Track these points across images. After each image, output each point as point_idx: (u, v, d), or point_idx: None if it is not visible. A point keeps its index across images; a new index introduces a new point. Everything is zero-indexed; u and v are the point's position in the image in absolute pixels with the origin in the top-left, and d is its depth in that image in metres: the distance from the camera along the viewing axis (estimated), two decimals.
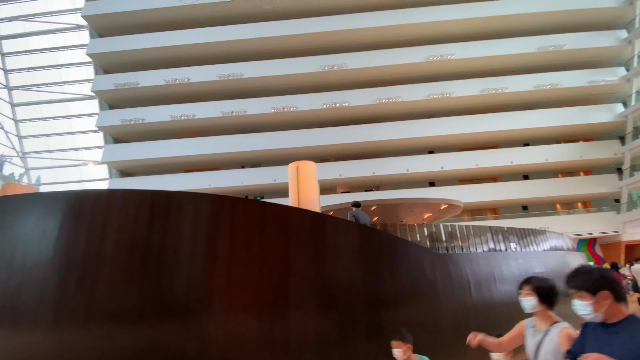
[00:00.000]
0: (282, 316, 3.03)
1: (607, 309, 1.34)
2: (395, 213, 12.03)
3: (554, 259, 5.77)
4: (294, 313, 3.04)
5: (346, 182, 20.97)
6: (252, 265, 3.05)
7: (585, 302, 1.40)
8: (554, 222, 19.17)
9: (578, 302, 1.44)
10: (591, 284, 1.41)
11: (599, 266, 1.37)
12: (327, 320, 3.15)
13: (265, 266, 3.08)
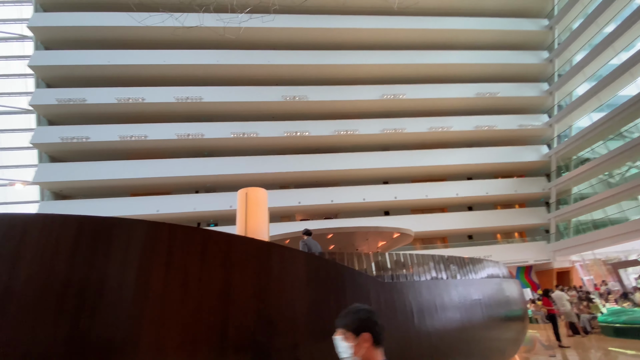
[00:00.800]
0: (221, 354, 2.84)
1: (364, 352, 1.27)
2: (350, 241, 12.17)
3: (490, 286, 6.18)
4: (233, 351, 2.86)
5: (305, 210, 20.99)
6: (189, 299, 2.86)
7: (348, 343, 1.30)
8: (495, 250, 20.71)
9: (342, 342, 1.32)
10: (357, 324, 1.31)
11: (367, 307, 1.38)
12: (269, 356, 3.00)
13: (203, 300, 2.90)
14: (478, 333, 5.44)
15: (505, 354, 6.56)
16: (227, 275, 3.00)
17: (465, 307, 5.13)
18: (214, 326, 2.86)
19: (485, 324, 5.65)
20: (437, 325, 4.50)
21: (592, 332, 10.20)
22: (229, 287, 3.01)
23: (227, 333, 2.90)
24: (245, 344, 2.95)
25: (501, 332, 6.17)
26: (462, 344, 4.96)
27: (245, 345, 2.94)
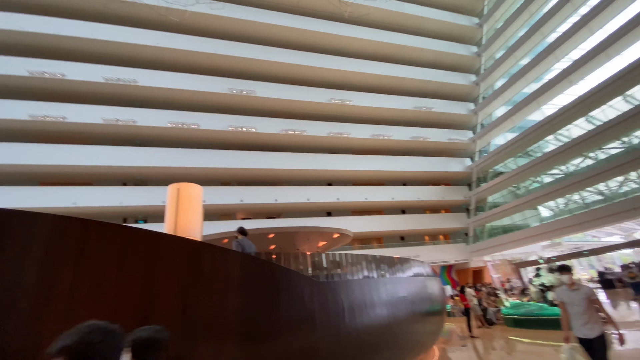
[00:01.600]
0: None
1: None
2: (292, 241, 12.19)
3: (415, 284, 6.75)
4: None
5: (247, 208, 20.40)
6: (103, 303, 2.57)
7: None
8: (423, 251, 22.63)
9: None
10: (82, 349, 0.93)
11: (109, 327, 1.04)
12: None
13: (120, 304, 2.63)
14: (403, 327, 5.88)
15: (425, 345, 7.21)
16: (150, 276, 2.77)
17: (392, 303, 5.51)
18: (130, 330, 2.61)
19: (409, 319, 6.15)
20: (367, 321, 4.75)
21: (497, 323, 11.77)
22: (152, 289, 2.78)
23: None
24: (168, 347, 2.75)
25: (423, 326, 6.77)
26: (389, 338, 5.32)
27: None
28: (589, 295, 3.52)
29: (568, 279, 3.64)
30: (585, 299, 3.50)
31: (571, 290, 3.62)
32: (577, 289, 3.59)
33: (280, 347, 3.51)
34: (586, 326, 3.46)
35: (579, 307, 3.52)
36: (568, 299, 3.64)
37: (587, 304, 3.49)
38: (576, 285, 3.63)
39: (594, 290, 3.56)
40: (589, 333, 3.44)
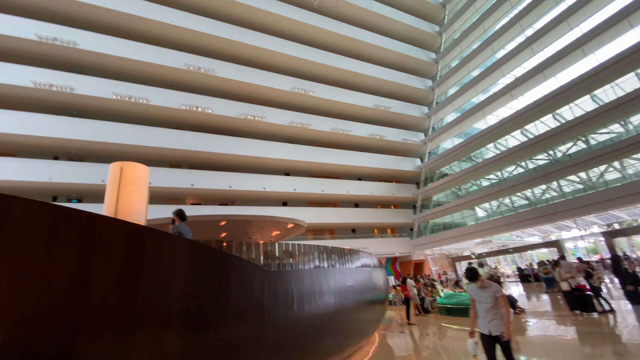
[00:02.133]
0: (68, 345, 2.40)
1: None
2: (245, 229, 11.96)
3: (362, 274, 7.08)
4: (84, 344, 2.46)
5: (198, 193, 19.47)
6: (25, 292, 2.31)
7: None
8: (372, 243, 23.73)
9: None
10: None
11: None
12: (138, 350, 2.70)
13: (48, 290, 2.39)
14: (349, 315, 6.16)
15: (367, 332, 7.64)
16: (85, 262, 2.54)
17: (339, 293, 5.73)
18: (58, 321, 2.39)
19: (355, 308, 6.46)
20: (314, 309, 4.89)
21: (432, 311, 12.87)
22: (86, 275, 2.56)
23: (78, 328, 2.48)
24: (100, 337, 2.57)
25: (367, 314, 7.16)
26: (335, 325, 5.54)
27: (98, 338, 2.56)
28: (495, 293, 3.65)
29: (478, 284, 3.78)
30: (492, 297, 3.64)
31: (480, 288, 3.76)
32: (485, 287, 3.73)
33: (226, 335, 3.47)
34: (491, 323, 3.60)
35: (486, 304, 3.67)
36: (477, 297, 3.79)
37: (494, 301, 3.64)
38: (485, 283, 3.75)
39: (501, 289, 3.72)
40: (494, 330, 3.58)
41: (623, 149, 14.24)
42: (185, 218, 3.89)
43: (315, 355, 4.98)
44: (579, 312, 8.48)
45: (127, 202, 3.28)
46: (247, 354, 3.68)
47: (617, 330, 6.59)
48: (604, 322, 7.32)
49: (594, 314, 8.18)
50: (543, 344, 6.30)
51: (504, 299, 3.65)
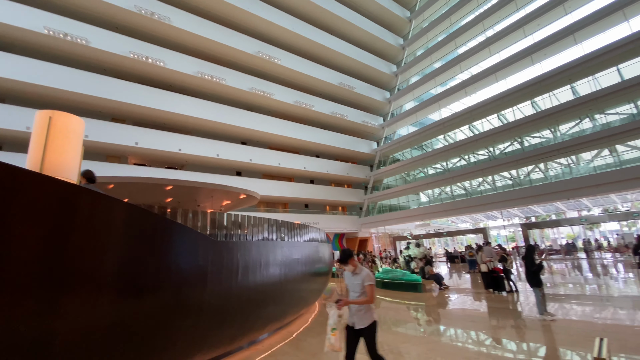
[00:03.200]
0: None
1: None
2: (193, 197, 11.49)
3: (309, 248, 7.34)
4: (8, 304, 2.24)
5: (143, 153, 18.03)
6: None
7: None
8: (322, 219, 24.46)
9: None
10: None
11: None
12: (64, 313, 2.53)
13: None
14: (293, 286, 6.41)
15: (309, 301, 8.05)
16: (2, 220, 2.26)
17: (286, 264, 5.89)
18: None
19: (299, 279, 6.72)
20: (259, 280, 4.98)
21: None
22: (3, 235, 2.29)
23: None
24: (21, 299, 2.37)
25: (310, 285, 7.51)
26: (279, 295, 5.73)
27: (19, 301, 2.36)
28: (364, 281, 3.21)
29: (350, 268, 3.35)
30: (361, 285, 3.21)
31: (352, 274, 3.34)
32: (357, 274, 3.30)
33: (165, 302, 3.41)
34: (357, 315, 3.22)
35: (355, 293, 3.29)
36: (348, 283, 3.40)
37: (361, 289, 3.22)
38: (358, 269, 3.33)
39: (371, 276, 3.26)
40: (358, 322, 3.21)
41: (549, 153, 16.19)
42: (94, 180, 3.41)
43: (257, 323, 5.14)
44: (491, 291, 9.83)
45: (56, 157, 2.93)
46: (186, 320, 3.67)
47: (519, 307, 7.80)
48: (510, 300, 8.60)
49: (503, 292, 9.54)
50: (460, 315, 7.25)
51: (371, 288, 3.17)
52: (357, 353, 3.25)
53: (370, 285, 3.19)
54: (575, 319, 6.14)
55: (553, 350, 4.58)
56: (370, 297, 3.17)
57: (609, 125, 15.03)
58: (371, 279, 3.22)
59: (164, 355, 3.45)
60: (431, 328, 6.38)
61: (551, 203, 20.28)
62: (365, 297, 3.17)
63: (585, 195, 15.31)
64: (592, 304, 7.37)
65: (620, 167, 14.08)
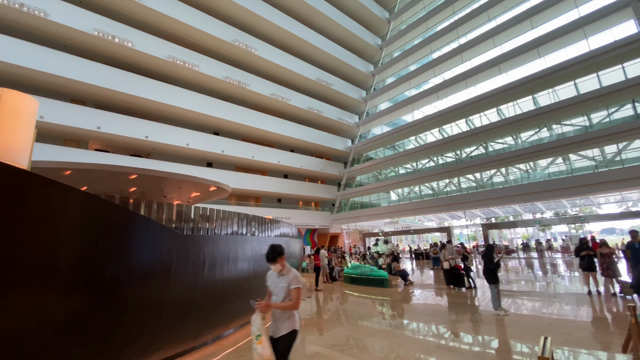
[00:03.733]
0: None
1: None
2: (159, 187, 10.98)
3: (279, 243, 7.31)
4: None
5: (106, 139, 16.93)
6: None
7: None
8: (295, 214, 24.42)
9: None
10: None
11: None
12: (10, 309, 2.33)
13: None
14: (262, 281, 6.35)
15: None
16: None
17: (254, 259, 5.82)
18: None
19: None
20: (226, 275, 4.89)
21: (338, 280, 14.12)
22: None
23: None
24: None
25: None
26: (245, 289, 5.65)
27: None
28: (290, 283, 2.74)
29: (276, 267, 2.83)
30: (286, 288, 2.75)
31: (278, 275, 2.84)
32: (283, 275, 2.81)
33: (124, 298, 3.25)
34: (276, 323, 2.77)
35: (277, 297, 2.79)
36: (272, 285, 2.88)
37: (286, 293, 2.75)
38: (285, 270, 2.84)
39: (299, 279, 2.81)
40: (276, 330, 2.76)
41: (510, 159, 17.24)
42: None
43: (223, 318, 5.05)
44: (452, 287, 10.35)
45: (5, 139, 2.67)
46: (146, 317, 3.52)
47: (476, 302, 8.28)
48: (469, 296, 9.11)
49: (462, 288, 10.09)
50: (422, 310, 7.57)
51: (298, 293, 2.73)
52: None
53: (297, 289, 2.74)
54: (525, 314, 6.63)
55: (504, 344, 4.93)
56: (295, 302, 2.72)
57: (563, 136, 16.27)
58: (298, 282, 2.78)
59: (122, 352, 3.29)
60: (395, 322, 6.62)
61: (510, 205, 21.67)
62: (290, 302, 2.73)
63: (540, 199, 16.50)
64: (541, 300, 7.99)
65: (571, 175, 15.31)
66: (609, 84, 14.59)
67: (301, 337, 5.77)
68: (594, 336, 4.99)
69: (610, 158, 15.10)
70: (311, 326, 6.54)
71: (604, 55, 15.01)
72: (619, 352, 4.19)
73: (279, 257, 2.82)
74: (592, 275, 8.21)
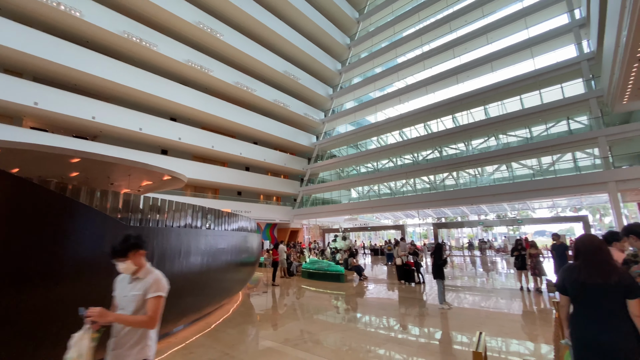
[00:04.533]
0: None
1: None
2: (106, 173, 10.09)
3: (237, 238, 7.11)
4: None
5: (45, 116, 15.14)
6: None
7: None
8: (255, 208, 23.96)
9: None
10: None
11: None
12: None
13: None
14: (216, 276, 6.14)
15: (232, 292, 7.84)
16: None
17: (209, 254, 5.61)
18: None
19: (224, 269, 6.47)
20: (177, 270, 4.65)
21: (296, 274, 14.16)
22: None
23: None
24: None
25: (234, 275, 7.30)
26: (198, 286, 5.43)
27: None
28: (147, 292, 1.87)
29: (128, 267, 1.92)
30: (140, 298, 1.86)
31: (131, 279, 1.95)
32: (139, 279, 1.93)
33: (60, 293, 2.95)
34: (116, 351, 1.83)
35: (125, 310, 1.88)
36: (120, 292, 1.97)
37: (138, 305, 1.86)
38: (141, 273, 1.94)
39: (161, 285, 1.91)
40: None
41: (461, 163, 18.49)
42: None
43: (171, 314, 4.80)
44: (403, 282, 10.90)
45: None
46: None
47: (424, 296, 8.81)
48: (417, 290, 9.66)
49: (412, 283, 10.67)
50: (374, 304, 7.88)
51: (157, 303, 1.86)
52: None
53: (156, 299, 1.86)
54: (467, 307, 7.20)
55: (446, 335, 5.30)
56: (151, 316, 1.82)
57: (508, 145, 17.83)
58: (159, 288, 1.88)
59: (56, 350, 2.99)
60: (348, 316, 6.81)
61: (459, 207, 23.29)
62: (143, 316, 1.82)
63: (485, 202, 17.96)
64: (480, 294, 8.72)
65: (512, 182, 16.84)
66: (549, 101, 16.25)
67: (255, 332, 5.69)
68: (523, 328, 5.56)
69: (545, 168, 16.86)
70: (266, 321, 6.49)
71: (547, 74, 16.67)
72: (543, 342, 4.72)
73: (132, 250, 1.90)
74: (524, 273, 9.13)
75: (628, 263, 2.41)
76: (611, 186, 13.06)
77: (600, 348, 1.93)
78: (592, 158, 15.59)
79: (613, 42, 9.27)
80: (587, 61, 15.36)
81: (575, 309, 2.14)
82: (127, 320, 1.82)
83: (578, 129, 15.79)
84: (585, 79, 15.34)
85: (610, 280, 1.97)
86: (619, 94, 10.53)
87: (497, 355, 4.24)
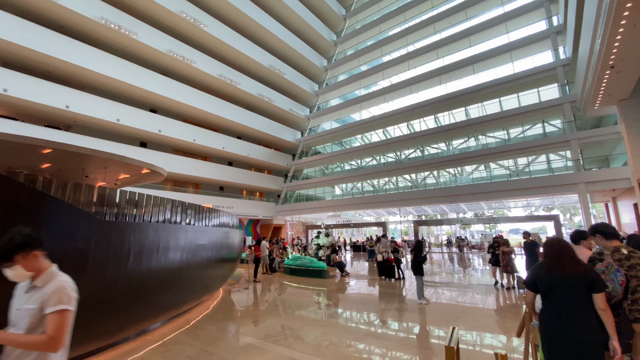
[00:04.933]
0: None
1: None
2: (81, 165, 9.65)
3: (218, 234, 7.00)
4: None
5: (15, 104, 14.28)
6: None
7: None
8: (238, 203, 23.65)
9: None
10: None
11: None
12: None
13: None
14: (196, 272, 6.03)
15: (212, 288, 7.73)
16: None
17: (189, 250, 5.50)
18: None
19: (204, 265, 6.36)
20: (155, 266, 4.53)
21: (278, 271, 14.13)
22: None
23: None
24: None
25: (215, 271, 7.19)
26: (177, 282, 5.32)
27: None
28: (45, 305, 1.45)
29: (19, 274, 1.49)
30: (37, 311, 1.45)
31: (29, 288, 1.53)
32: (37, 287, 1.51)
33: None
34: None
35: (17, 328, 1.46)
36: (16, 305, 1.53)
37: (36, 321, 1.44)
38: (40, 280, 1.53)
39: (65, 297, 1.48)
40: None
41: (442, 163, 18.93)
42: None
43: (148, 311, 4.69)
44: (383, 277, 11.10)
45: None
46: None
47: (404, 292, 9.01)
48: (397, 286, 9.86)
49: (392, 279, 10.88)
50: (355, 300, 7.98)
51: (60, 320, 1.45)
52: None
53: (58, 314, 1.45)
54: (444, 302, 7.42)
55: (423, 329, 5.45)
56: (52, 337, 1.42)
57: (487, 146, 18.40)
58: (60, 301, 1.47)
59: None
60: (330, 311, 6.87)
61: (439, 205, 23.87)
62: (42, 335, 1.42)
63: (464, 200, 18.49)
64: (457, 290, 9.01)
65: (490, 181, 17.42)
66: (526, 104, 16.87)
67: (235, 329, 5.65)
68: (496, 322, 5.80)
69: (521, 169, 17.54)
70: (246, 317, 6.45)
71: (524, 78, 17.28)
72: (514, 335, 4.94)
73: (21, 252, 1.48)
74: (498, 270, 9.50)
75: (593, 261, 2.55)
76: (581, 187, 13.75)
77: (568, 341, 2.04)
78: (565, 160, 16.35)
79: (587, 49, 9.72)
80: (563, 67, 16.04)
81: (544, 305, 2.25)
82: (16, 341, 1.37)
83: (552, 132, 16.49)
84: (560, 84, 16.02)
85: (576, 273, 2.10)
86: (591, 100, 11.06)
87: (471, 349, 4.40)
